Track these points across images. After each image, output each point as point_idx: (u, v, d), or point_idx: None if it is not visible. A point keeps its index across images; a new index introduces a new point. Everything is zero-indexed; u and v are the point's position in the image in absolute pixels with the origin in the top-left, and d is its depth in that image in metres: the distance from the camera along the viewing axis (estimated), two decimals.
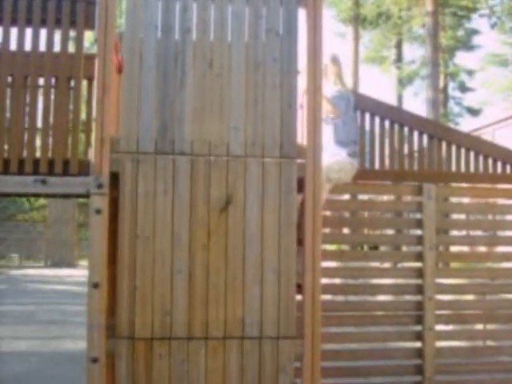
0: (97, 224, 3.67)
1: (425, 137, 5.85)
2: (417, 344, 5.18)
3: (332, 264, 5.54)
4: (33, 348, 7.68)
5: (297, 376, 3.93)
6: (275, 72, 3.94)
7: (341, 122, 4.93)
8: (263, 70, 3.94)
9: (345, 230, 5.74)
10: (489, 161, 5.84)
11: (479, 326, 5.75)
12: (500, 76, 35.07)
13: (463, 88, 35.16)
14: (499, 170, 5.85)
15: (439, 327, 5.24)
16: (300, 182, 3.90)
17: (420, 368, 5.10)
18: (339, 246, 8.13)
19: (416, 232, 5.41)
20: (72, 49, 4.71)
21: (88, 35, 5.92)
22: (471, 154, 5.84)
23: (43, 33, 4.55)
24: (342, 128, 4.93)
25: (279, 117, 3.92)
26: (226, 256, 3.81)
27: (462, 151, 5.84)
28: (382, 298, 5.81)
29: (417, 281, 5.19)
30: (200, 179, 3.82)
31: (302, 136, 4.10)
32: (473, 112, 35.20)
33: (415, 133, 5.84)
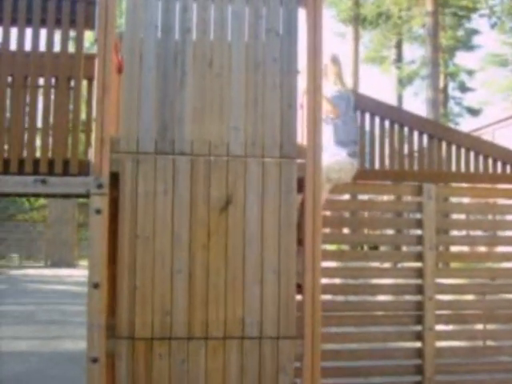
0: (97, 224, 3.67)
1: (425, 137, 5.85)
2: (417, 344, 5.18)
3: (332, 264, 5.54)
4: (33, 348, 7.67)
5: (297, 376, 3.92)
6: (275, 72, 3.94)
7: (341, 122, 4.94)
8: (263, 70, 3.94)
9: (345, 230, 5.74)
10: (489, 161, 5.84)
11: (479, 326, 5.75)
12: (500, 76, 35.08)
13: (463, 88, 35.15)
14: (499, 170, 5.85)
15: (439, 327, 5.25)
16: (300, 182, 3.90)
17: (420, 368, 5.10)
18: (339, 246, 8.13)
19: (416, 232, 5.41)
20: (72, 49, 4.71)
21: (88, 35, 5.92)
22: (471, 154, 5.84)
23: (43, 33, 4.55)
24: (342, 128, 4.94)
25: (279, 117, 3.92)
26: (226, 256, 3.81)
27: (462, 151, 5.84)
28: (382, 298, 5.81)
29: (417, 281, 5.19)
30: (200, 179, 3.82)
31: (302, 136, 4.10)
32: (473, 112, 35.20)
33: (415, 133, 5.84)
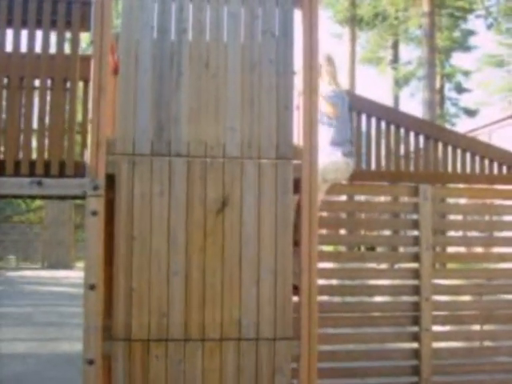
0: (93, 226, 3.66)
1: (421, 138, 5.86)
2: (413, 345, 5.18)
3: (329, 265, 5.54)
4: (30, 350, 7.66)
5: (294, 377, 3.92)
6: (271, 73, 3.94)
7: (337, 122, 4.93)
8: (259, 71, 3.94)
9: (342, 231, 5.74)
10: (485, 162, 5.86)
11: (476, 327, 5.75)
12: (496, 77, 35.08)
13: (460, 89, 35.16)
14: (495, 171, 5.87)
15: (436, 328, 5.25)
16: (296, 183, 3.90)
17: (417, 369, 5.10)
18: (336, 247, 8.13)
19: (412, 233, 5.41)
20: (68, 50, 4.70)
21: (84, 36, 5.91)
22: (467, 155, 5.86)
23: (39, 34, 4.55)
24: (338, 128, 4.93)
25: (275, 118, 3.92)
26: (223, 257, 3.80)
27: (459, 152, 5.85)
28: (379, 299, 5.82)
29: (413, 282, 5.20)
30: (196, 181, 3.81)
31: (298, 137, 4.09)
32: (469, 113, 35.20)
33: (411, 134, 5.86)
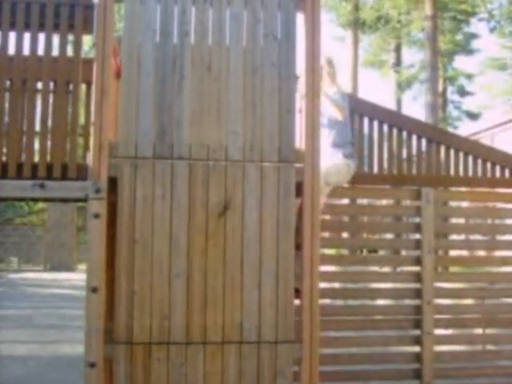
0: (95, 228, 3.67)
1: (423, 141, 5.85)
2: (415, 348, 5.17)
3: (331, 268, 5.54)
4: (31, 352, 7.66)
5: (295, 380, 3.92)
6: (273, 76, 3.94)
7: (337, 124, 4.92)
8: (261, 75, 3.94)
9: (344, 235, 5.74)
10: (487, 165, 5.84)
11: (478, 331, 5.74)
12: (499, 80, 35.05)
13: (462, 92, 35.15)
14: (498, 174, 5.85)
15: (438, 331, 5.24)
16: (298, 187, 3.90)
17: (419, 372, 5.10)
18: (338, 251, 8.13)
19: (415, 236, 5.41)
20: (70, 53, 4.71)
21: (86, 39, 5.93)
22: (470, 158, 5.84)
23: (41, 37, 4.55)
24: (339, 129, 4.93)
25: (277, 121, 3.92)
26: (224, 260, 3.80)
27: (461, 155, 5.83)
28: (381, 302, 5.81)
29: (416, 285, 5.19)
30: (198, 184, 3.81)
31: (301, 140, 4.09)
32: (472, 116, 35.18)
33: (414, 137, 5.84)
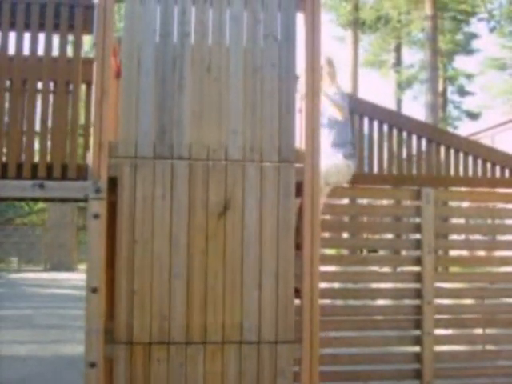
0: (95, 228, 3.67)
1: (423, 141, 5.85)
2: (415, 348, 5.18)
3: (331, 268, 5.54)
4: (32, 352, 7.67)
5: (295, 380, 3.92)
6: (273, 77, 3.94)
7: (337, 124, 4.92)
8: (261, 75, 3.93)
9: (344, 235, 5.74)
10: (487, 165, 5.84)
11: (478, 331, 5.74)
12: (499, 80, 35.09)
13: (462, 92, 35.18)
14: (498, 174, 5.85)
15: (438, 331, 5.24)
16: (298, 187, 3.90)
17: (419, 372, 5.10)
18: (338, 251, 8.13)
19: (415, 236, 5.41)
20: (70, 53, 4.71)
21: (86, 39, 5.92)
22: (470, 158, 5.84)
23: (41, 37, 4.55)
24: (339, 129, 4.93)
25: (277, 121, 3.92)
26: (224, 260, 3.80)
27: (461, 155, 5.83)
28: (381, 302, 5.81)
29: (416, 285, 5.19)
30: (198, 184, 3.81)
31: (301, 140, 4.09)
32: (472, 116, 35.20)
33: (414, 137, 5.84)
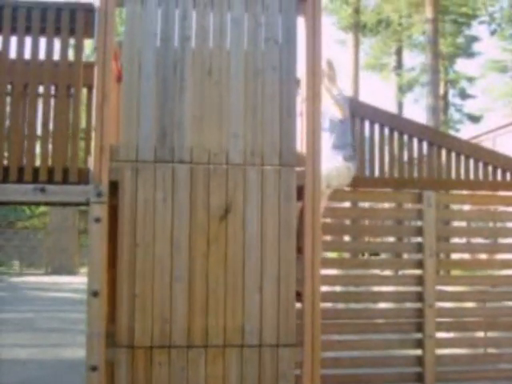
0: (96, 232, 3.67)
1: (424, 144, 5.84)
2: (417, 351, 5.16)
3: (333, 271, 5.54)
4: (33, 356, 7.65)
5: (297, 383, 3.91)
6: (274, 80, 3.94)
7: (337, 126, 4.91)
8: (262, 78, 3.94)
9: (345, 238, 5.73)
10: (488, 168, 5.83)
11: (480, 334, 5.73)
12: (500, 83, 35.08)
13: (463, 95, 35.18)
14: (499, 178, 5.84)
15: (440, 334, 5.23)
16: (299, 190, 3.90)
17: (420, 376, 5.09)
18: (340, 254, 8.12)
19: (416, 239, 5.40)
20: (71, 57, 4.71)
21: (87, 43, 5.93)
22: (471, 161, 5.83)
23: (43, 41, 4.56)
24: (339, 131, 4.92)
25: (278, 125, 3.92)
26: (226, 264, 3.80)
27: (462, 158, 5.82)
28: (383, 306, 5.80)
29: (417, 288, 5.19)
30: (199, 187, 3.82)
31: (302, 144, 4.09)
32: (473, 119, 35.19)
33: (415, 140, 5.84)
